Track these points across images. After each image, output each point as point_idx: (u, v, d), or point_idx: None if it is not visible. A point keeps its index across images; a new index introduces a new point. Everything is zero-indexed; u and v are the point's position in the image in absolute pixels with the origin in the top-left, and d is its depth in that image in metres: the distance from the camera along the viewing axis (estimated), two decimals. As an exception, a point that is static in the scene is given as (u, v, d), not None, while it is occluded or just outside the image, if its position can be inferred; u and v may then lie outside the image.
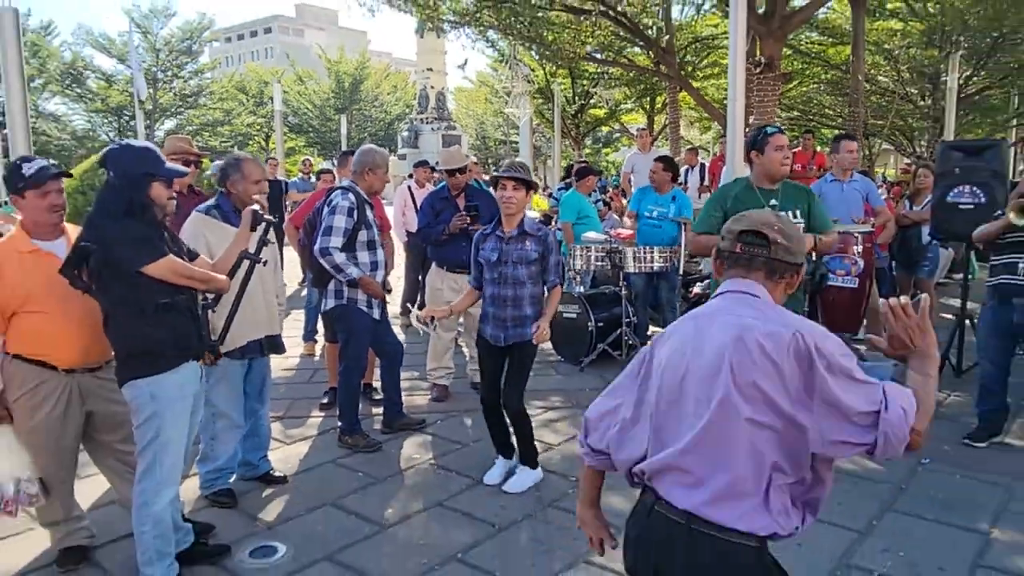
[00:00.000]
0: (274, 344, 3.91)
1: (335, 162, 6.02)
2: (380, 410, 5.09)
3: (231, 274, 3.21)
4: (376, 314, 4.55)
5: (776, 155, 3.82)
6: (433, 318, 3.97)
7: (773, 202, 3.85)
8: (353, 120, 42.83)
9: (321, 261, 4.34)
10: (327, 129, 43.21)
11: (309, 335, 6.83)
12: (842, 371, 1.62)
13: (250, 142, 42.96)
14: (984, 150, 5.55)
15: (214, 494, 3.83)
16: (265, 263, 3.50)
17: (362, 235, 4.40)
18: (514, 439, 4.08)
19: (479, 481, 4.09)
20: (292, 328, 7.67)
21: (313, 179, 10.28)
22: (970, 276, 7.82)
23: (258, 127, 42.43)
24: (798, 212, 3.88)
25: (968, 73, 17.61)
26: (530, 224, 3.86)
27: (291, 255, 7.29)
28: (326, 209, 4.39)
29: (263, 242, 3.41)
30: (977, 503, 3.78)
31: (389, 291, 4.78)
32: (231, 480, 3.93)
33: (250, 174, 3.73)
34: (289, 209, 8.72)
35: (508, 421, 4.04)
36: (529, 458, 4.07)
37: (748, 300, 1.77)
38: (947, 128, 12.38)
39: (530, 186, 3.82)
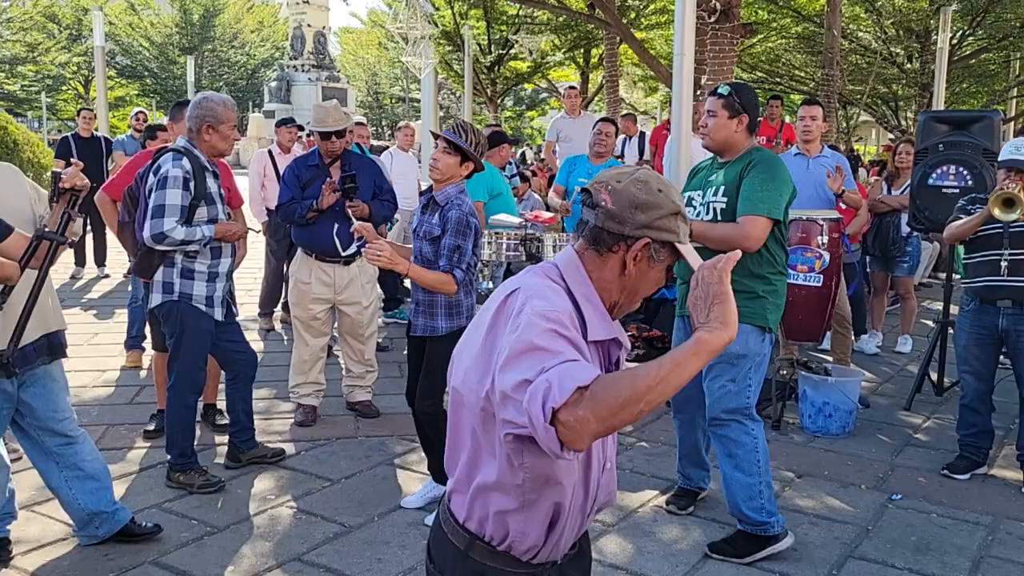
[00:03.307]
0: (53, 345, 3.68)
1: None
2: (226, 439, 4.97)
3: (25, 259, 3.08)
4: (218, 314, 4.44)
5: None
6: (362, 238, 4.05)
7: (712, 178, 3.93)
8: (204, 64, 41.76)
9: (158, 248, 4.25)
10: (169, 74, 41.94)
11: (134, 342, 6.62)
12: (525, 333, 1.61)
13: (63, 87, 41.24)
14: (973, 122, 5.86)
15: (-14, 546, 3.68)
16: (72, 244, 3.38)
17: (201, 212, 4.30)
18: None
19: (351, 528, 4.05)
20: (114, 332, 7.43)
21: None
22: (958, 275, 8.25)
23: (74, 68, 40.77)
24: (721, 191, 3.85)
25: (963, 31, 18.57)
26: (442, 194, 4.00)
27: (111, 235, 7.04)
28: (152, 179, 4.26)
29: (68, 217, 3.30)
30: (955, 546, 3.99)
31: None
32: (9, 528, 3.78)
33: None
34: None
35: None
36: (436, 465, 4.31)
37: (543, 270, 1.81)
38: (937, 97, 13.03)
39: (465, 155, 3.96)
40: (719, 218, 3.81)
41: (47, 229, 3.18)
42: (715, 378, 3.83)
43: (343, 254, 5.17)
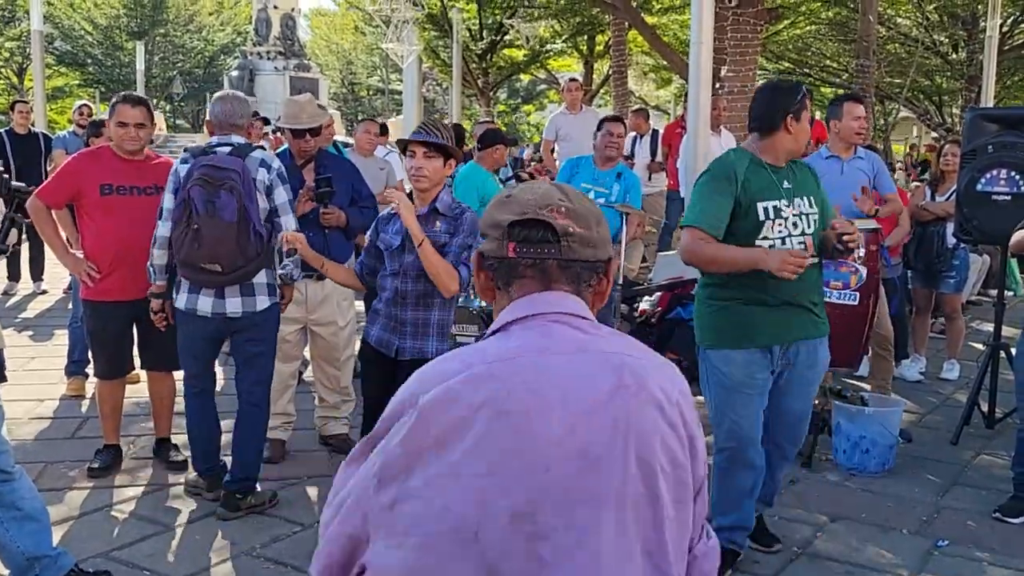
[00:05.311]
0: None
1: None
2: (181, 478, 5.06)
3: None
4: None
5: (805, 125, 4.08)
6: (291, 251, 4.24)
7: (786, 185, 4.00)
8: (156, 50, 41.84)
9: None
10: (115, 62, 42.03)
11: (76, 367, 6.63)
12: None
13: (-6, 77, 41.30)
14: (1026, 121, 5.92)
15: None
16: (9, 252, 3.41)
17: None
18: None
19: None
20: (53, 357, 7.43)
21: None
22: (1011, 291, 8.29)
23: (7, 54, 40.83)
24: (811, 200, 4.07)
25: (1014, 17, 18.75)
26: (444, 203, 4.17)
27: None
28: (266, 174, 4.54)
29: (11, 222, 3.32)
30: (1009, 599, 4.02)
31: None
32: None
33: None
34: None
35: None
36: None
37: (576, 326, 1.62)
38: (986, 91, 13.15)
39: (449, 153, 4.11)
40: (813, 230, 4.03)
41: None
42: None
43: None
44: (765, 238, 3.91)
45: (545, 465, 1.47)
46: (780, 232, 3.93)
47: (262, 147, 4.68)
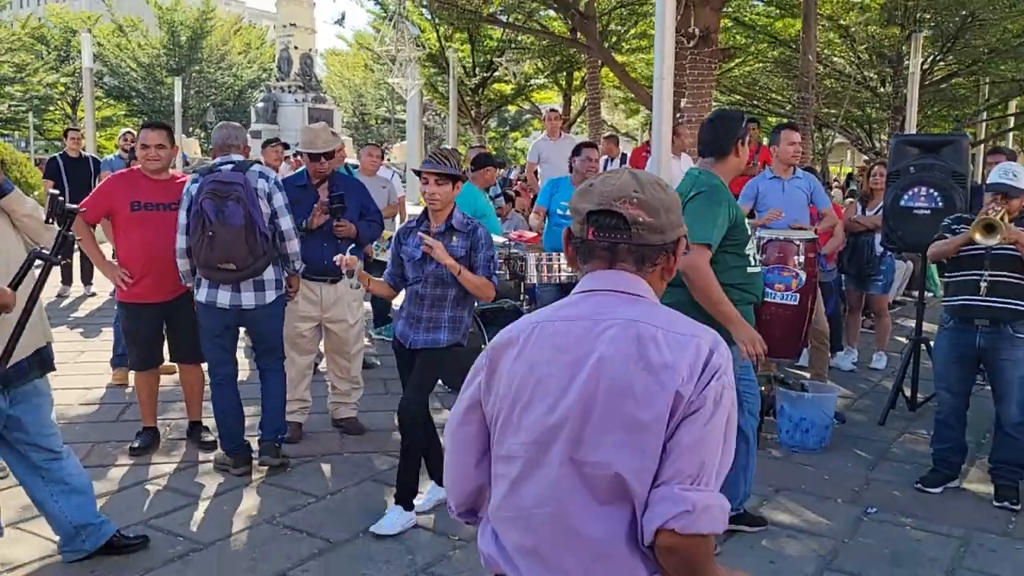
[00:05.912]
0: (43, 359, 3.63)
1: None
2: (210, 456, 5.04)
3: (17, 281, 3.09)
4: None
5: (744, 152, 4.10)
6: (352, 271, 4.16)
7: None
8: (192, 84, 41.67)
9: (294, 242, 4.82)
10: (156, 95, 41.83)
11: (120, 360, 6.58)
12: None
13: (51, 107, 41.08)
14: (942, 146, 5.94)
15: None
16: (66, 264, 3.40)
17: None
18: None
19: (335, 544, 4.04)
20: (100, 351, 7.38)
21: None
22: (931, 293, 8.31)
23: (62, 88, 40.62)
24: None
25: (933, 56, 18.81)
26: (459, 219, 4.26)
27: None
28: (268, 184, 4.69)
29: (65, 238, 3.30)
30: (929, 558, 4.01)
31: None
32: None
33: None
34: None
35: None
36: (402, 493, 4.24)
37: (626, 300, 1.74)
38: (909, 120, 13.15)
39: (457, 178, 4.18)
40: None
41: (42, 249, 3.18)
42: None
43: (347, 279, 5.13)
44: (752, 249, 3.94)
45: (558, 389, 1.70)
46: (752, 247, 3.97)
47: (258, 162, 4.81)
